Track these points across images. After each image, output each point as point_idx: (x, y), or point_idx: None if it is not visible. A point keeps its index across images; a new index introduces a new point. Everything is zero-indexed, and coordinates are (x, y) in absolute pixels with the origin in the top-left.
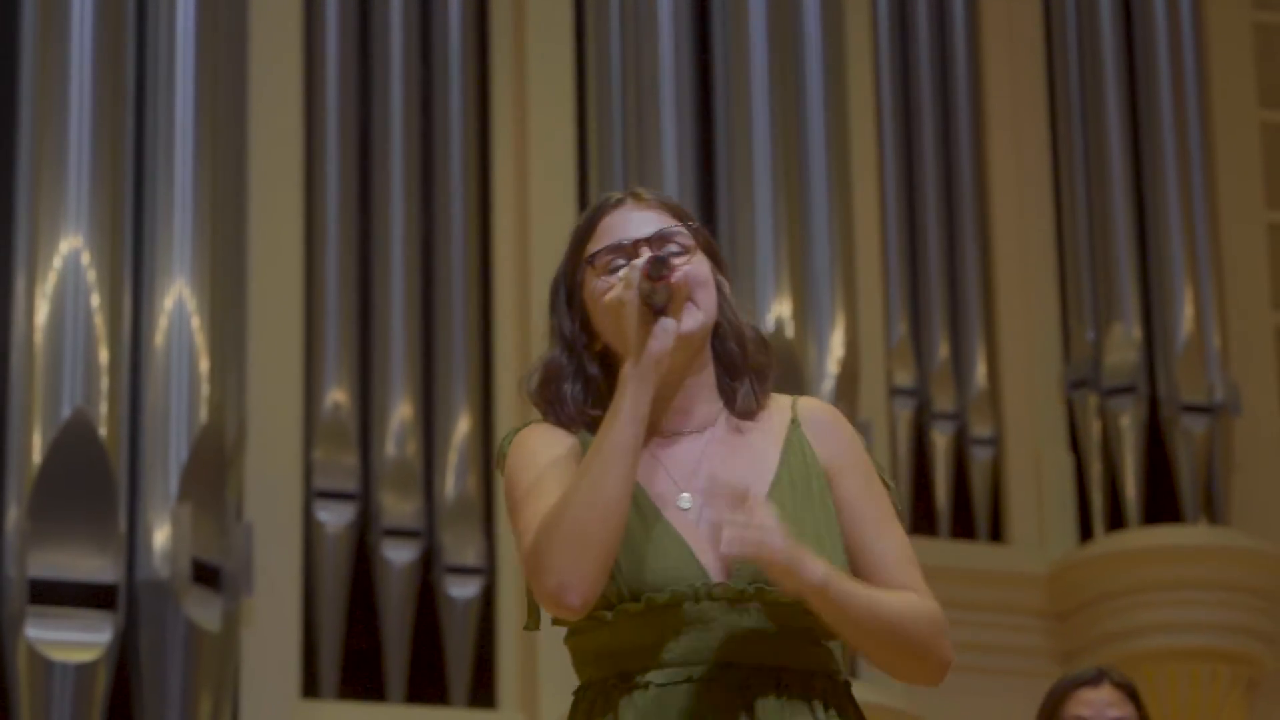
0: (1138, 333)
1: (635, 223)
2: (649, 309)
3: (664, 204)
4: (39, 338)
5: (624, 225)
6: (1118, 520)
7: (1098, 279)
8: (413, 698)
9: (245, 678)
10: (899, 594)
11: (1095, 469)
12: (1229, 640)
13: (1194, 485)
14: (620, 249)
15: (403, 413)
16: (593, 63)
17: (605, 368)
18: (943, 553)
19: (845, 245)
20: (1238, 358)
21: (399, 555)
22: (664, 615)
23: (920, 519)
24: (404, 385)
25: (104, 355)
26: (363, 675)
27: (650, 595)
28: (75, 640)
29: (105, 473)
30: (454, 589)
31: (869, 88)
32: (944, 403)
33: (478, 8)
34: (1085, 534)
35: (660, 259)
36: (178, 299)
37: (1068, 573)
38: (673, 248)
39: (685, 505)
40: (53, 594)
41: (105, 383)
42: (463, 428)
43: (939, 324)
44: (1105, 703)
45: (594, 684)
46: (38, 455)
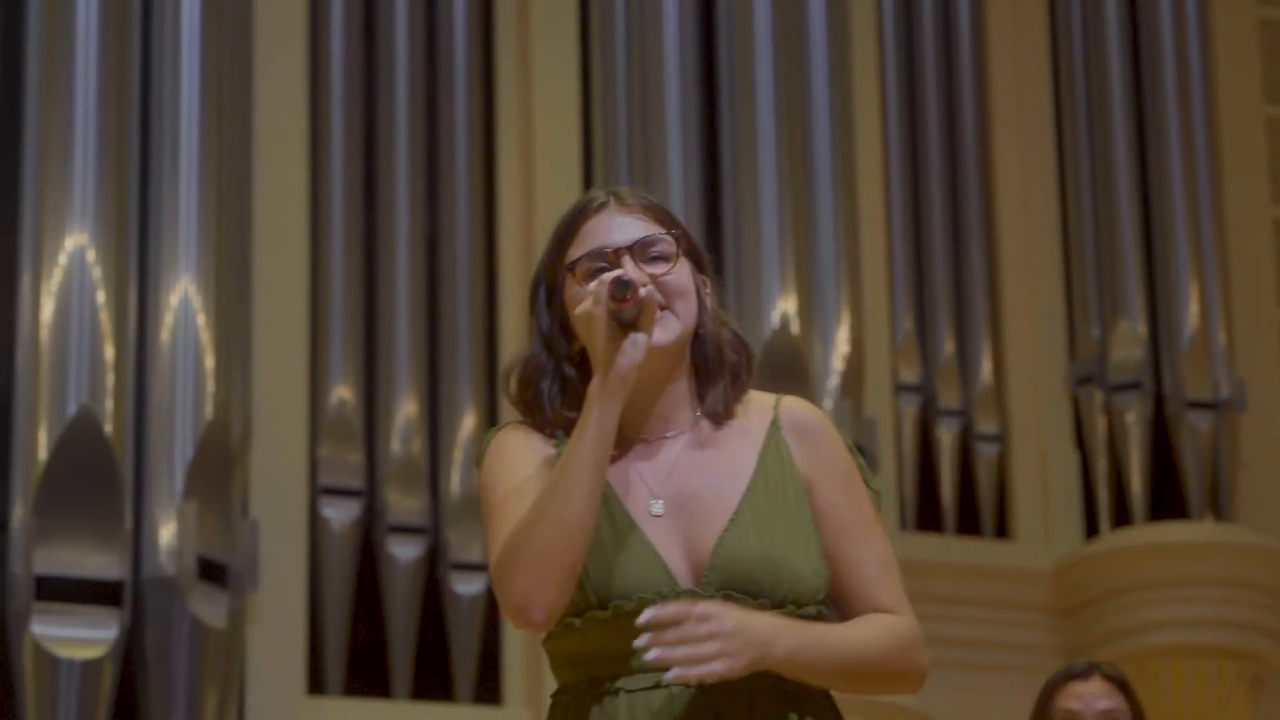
0: (1143, 329)
1: (617, 228)
2: (617, 324)
3: (647, 208)
4: (44, 335)
5: (606, 231)
6: (1123, 517)
7: (1103, 275)
8: (418, 694)
9: (251, 674)
10: (869, 625)
11: (1101, 465)
12: (1235, 637)
13: (1199, 481)
14: (601, 255)
15: (408, 410)
16: (598, 62)
17: (583, 369)
18: (948, 549)
19: (850, 242)
20: (1243, 354)
21: (404, 552)
22: (632, 622)
23: (926, 516)
24: (409, 382)
25: (109, 352)
26: (368, 672)
27: (618, 603)
28: (81, 637)
29: (111, 470)
30: (459, 585)
31: (874, 85)
32: (949, 399)
33: (483, 7)
34: (1091, 530)
35: (623, 281)
36: (183, 296)
37: (1073, 569)
38: (654, 252)
39: (657, 511)
40: (58, 591)
41: (111, 380)
42: (468, 425)
43: (944, 320)
44: (1095, 694)
45: (568, 688)
46: (43, 452)
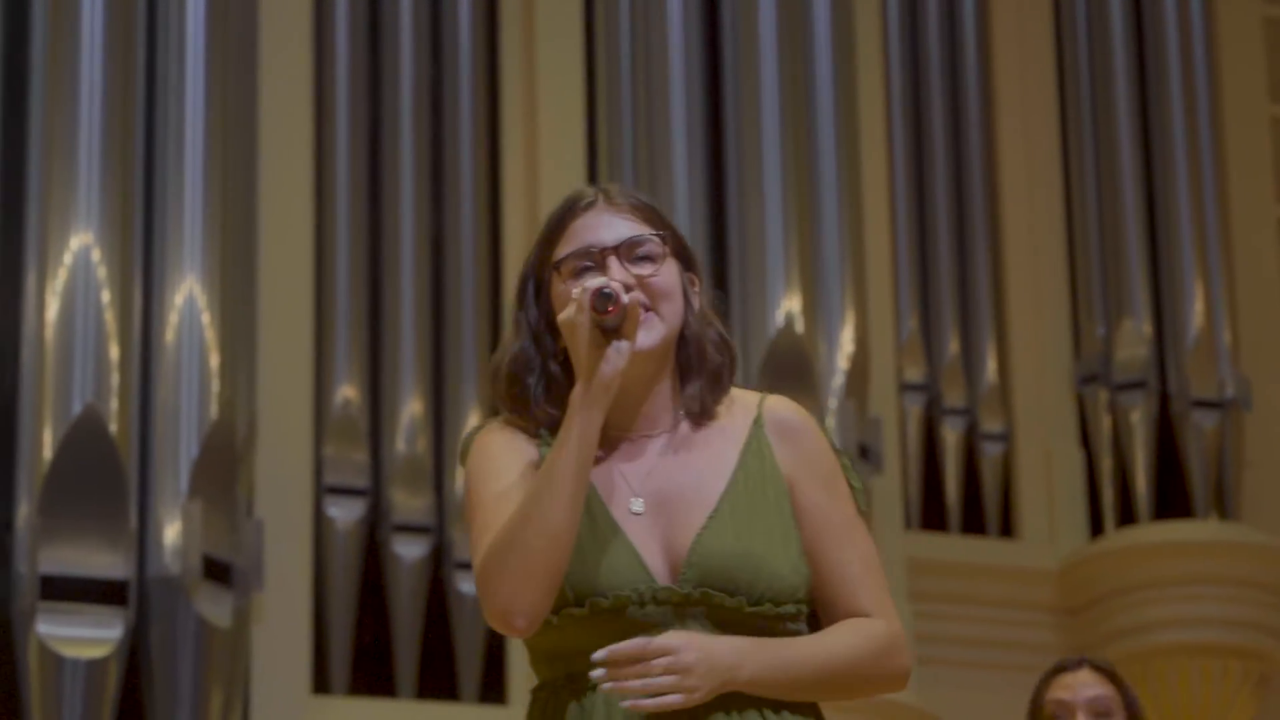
0: (1148, 328)
1: (605, 227)
2: (601, 330)
3: (636, 207)
4: (49, 334)
5: (593, 229)
6: (1128, 515)
7: (1108, 274)
8: (423, 693)
9: (256, 673)
10: (842, 634)
11: (1106, 464)
12: (1240, 636)
13: (1205, 480)
14: (587, 254)
15: (413, 409)
16: (602, 61)
17: (568, 367)
18: (953, 548)
19: (855, 241)
20: (1248, 353)
21: (409, 551)
22: (608, 619)
23: (931, 515)
24: (414, 381)
25: (114, 352)
26: (373, 671)
27: (595, 599)
28: (86, 636)
29: (116, 469)
30: (464, 584)
31: (879, 83)
32: (954, 398)
33: (487, 7)
34: (1096, 529)
35: (605, 293)
36: (188, 295)
37: (1078, 568)
38: (641, 253)
39: (637, 509)
40: (63, 590)
41: (116, 379)
42: (473, 424)
43: (949, 319)
44: (1083, 684)
45: (546, 685)
46: (48, 451)
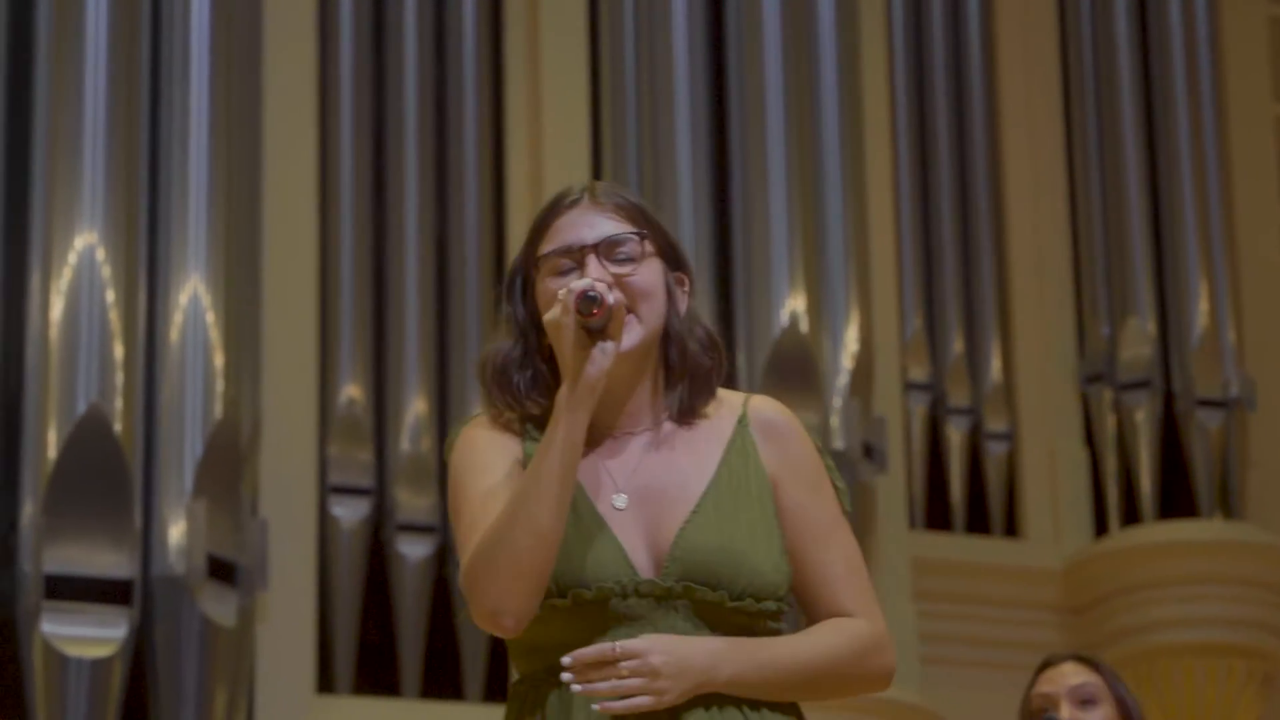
0: (1152, 327)
1: (587, 225)
2: (586, 331)
3: (619, 206)
4: (54, 334)
5: (575, 227)
6: (1133, 515)
7: (1112, 274)
8: (428, 693)
9: (260, 673)
10: (822, 634)
11: (1110, 464)
12: (1244, 635)
13: (1209, 480)
14: (568, 252)
15: (417, 408)
16: (607, 59)
17: (554, 364)
18: (958, 548)
19: (860, 240)
20: (1253, 352)
21: (414, 550)
22: (591, 612)
23: (935, 514)
24: (419, 381)
25: (119, 351)
26: (378, 670)
27: (577, 591)
28: (90, 636)
29: (120, 468)
30: None
31: (883, 82)
32: (959, 398)
33: (492, 6)
34: (1100, 529)
35: (590, 296)
36: (192, 295)
37: (1083, 568)
38: (621, 253)
39: (620, 505)
40: (68, 589)
41: (120, 379)
42: None
43: (954, 319)
44: (1066, 675)
45: (526, 678)
46: (53, 451)
